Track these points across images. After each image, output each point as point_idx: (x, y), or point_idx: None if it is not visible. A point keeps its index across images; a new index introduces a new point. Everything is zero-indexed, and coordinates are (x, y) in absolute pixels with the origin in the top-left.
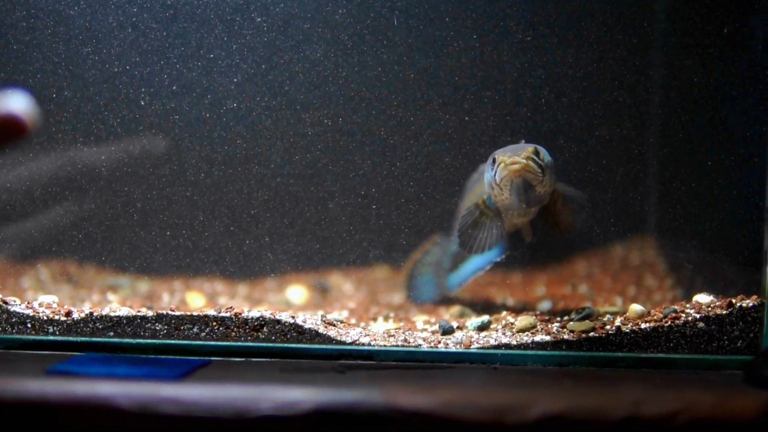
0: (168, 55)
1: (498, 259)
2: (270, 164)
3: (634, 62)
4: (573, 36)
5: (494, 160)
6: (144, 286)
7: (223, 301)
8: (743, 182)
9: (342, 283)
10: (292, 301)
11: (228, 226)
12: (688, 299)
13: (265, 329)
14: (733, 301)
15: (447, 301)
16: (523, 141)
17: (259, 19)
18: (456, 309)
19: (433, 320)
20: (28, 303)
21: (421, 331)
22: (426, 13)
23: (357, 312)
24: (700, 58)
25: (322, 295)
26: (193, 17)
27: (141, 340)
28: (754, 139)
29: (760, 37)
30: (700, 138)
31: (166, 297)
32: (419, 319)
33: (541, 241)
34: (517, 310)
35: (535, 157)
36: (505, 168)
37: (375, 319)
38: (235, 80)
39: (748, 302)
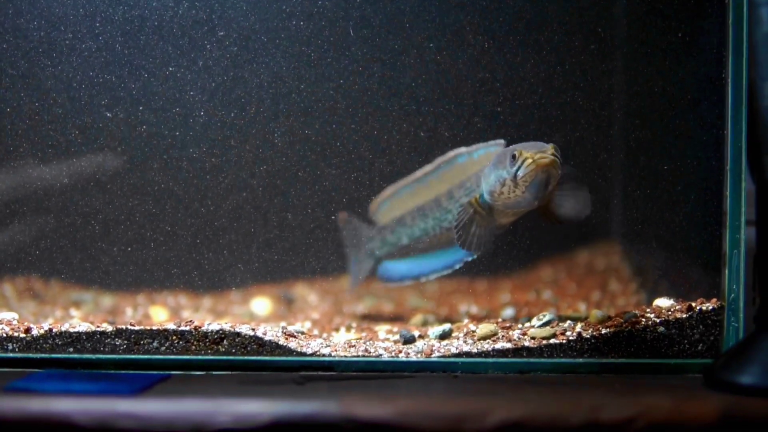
0: (129, 68)
1: (467, 260)
2: (234, 176)
3: (593, 69)
4: (533, 43)
5: (514, 157)
6: (107, 300)
7: (186, 314)
8: (703, 186)
9: (307, 293)
10: (256, 313)
11: (192, 238)
12: (651, 303)
13: (225, 342)
14: (693, 304)
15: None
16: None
17: (222, 33)
18: (419, 317)
19: (395, 329)
20: None
21: (383, 341)
22: (383, 25)
23: (320, 323)
24: (658, 65)
25: (287, 306)
26: (155, 31)
27: (100, 356)
28: (711, 143)
29: (714, 41)
30: (659, 143)
31: (129, 311)
32: (381, 329)
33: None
34: (480, 318)
35: (558, 153)
36: (533, 163)
37: (337, 330)
38: (196, 95)
39: (708, 305)
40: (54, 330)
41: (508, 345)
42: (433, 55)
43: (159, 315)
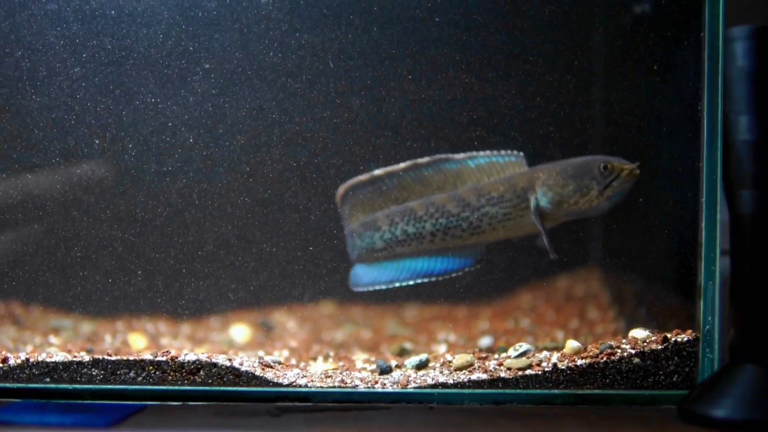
0: (113, 97)
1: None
2: (214, 205)
3: (569, 101)
4: (509, 73)
5: (606, 168)
6: (87, 327)
7: (165, 341)
8: (678, 217)
9: (286, 320)
10: (235, 341)
11: (171, 266)
12: (627, 333)
13: (201, 372)
14: (668, 335)
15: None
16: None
17: (207, 65)
18: (396, 346)
19: (372, 359)
20: None
21: (360, 371)
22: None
23: (298, 351)
24: (634, 97)
25: (266, 333)
26: (138, 61)
27: (77, 386)
28: (687, 176)
29: (690, 75)
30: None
31: (108, 338)
32: (359, 358)
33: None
34: (458, 346)
35: None
36: (631, 175)
37: (315, 359)
38: (177, 125)
39: (684, 337)
40: (31, 360)
41: (484, 376)
42: (414, 84)
43: (137, 342)
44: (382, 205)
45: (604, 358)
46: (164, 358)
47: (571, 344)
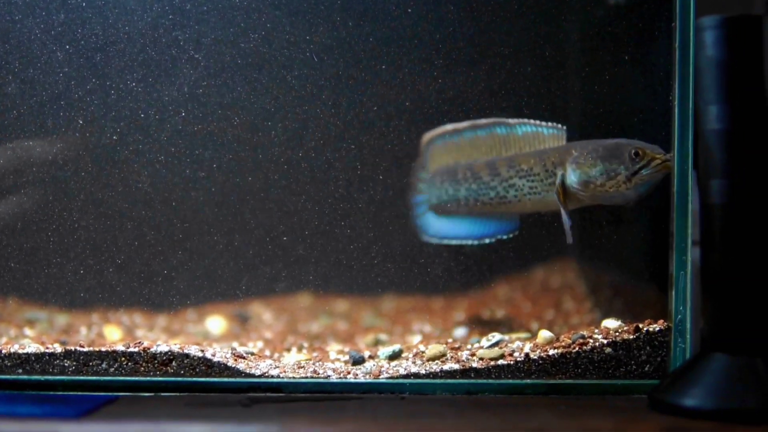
0: (92, 86)
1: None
2: (190, 193)
3: (540, 92)
4: (482, 63)
5: (637, 154)
6: (62, 319)
7: (141, 333)
8: (651, 206)
9: (263, 312)
10: (211, 332)
11: (147, 257)
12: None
13: (173, 363)
14: (640, 325)
15: None
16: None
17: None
18: (371, 337)
19: (346, 350)
20: None
21: (333, 362)
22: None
23: (272, 343)
24: (606, 88)
25: (242, 325)
26: (119, 54)
27: (49, 377)
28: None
29: (661, 65)
30: None
31: (83, 331)
32: (333, 349)
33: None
34: (433, 337)
35: None
36: (662, 165)
37: (289, 350)
38: (153, 116)
39: (656, 326)
40: (3, 351)
41: (457, 366)
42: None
43: (113, 334)
44: (456, 155)
45: (576, 348)
46: (136, 349)
47: (544, 334)
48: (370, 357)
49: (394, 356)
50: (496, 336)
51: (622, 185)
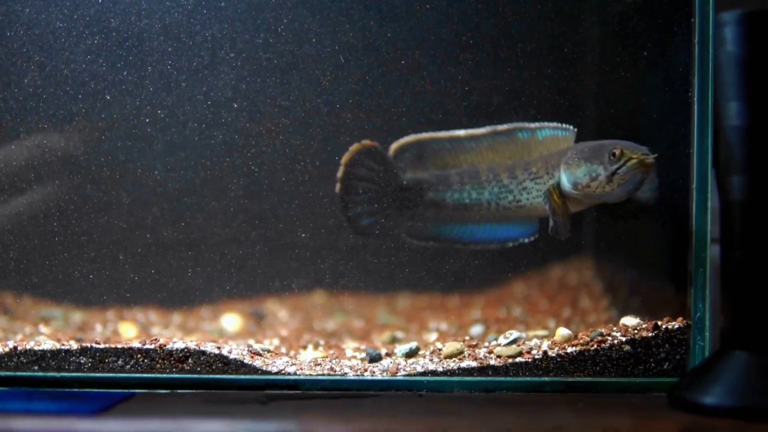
0: (107, 85)
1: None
2: (205, 194)
3: (560, 90)
4: (501, 60)
5: (614, 155)
6: (77, 317)
7: (156, 331)
8: (670, 204)
9: (278, 309)
10: (226, 330)
11: (162, 255)
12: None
13: (190, 360)
14: (659, 323)
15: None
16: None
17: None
18: (387, 335)
19: (363, 347)
20: None
21: (349, 359)
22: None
23: (288, 340)
24: (625, 84)
25: (257, 322)
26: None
27: (65, 374)
28: (677, 161)
29: (681, 61)
30: None
31: (98, 328)
32: (349, 347)
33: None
34: (449, 335)
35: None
36: (639, 164)
37: (305, 348)
38: (165, 116)
39: (674, 324)
40: (19, 348)
41: (474, 364)
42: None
43: (128, 332)
44: (447, 161)
45: (595, 346)
46: (152, 346)
47: (562, 332)
48: (387, 354)
49: (411, 354)
50: (513, 333)
51: (606, 186)
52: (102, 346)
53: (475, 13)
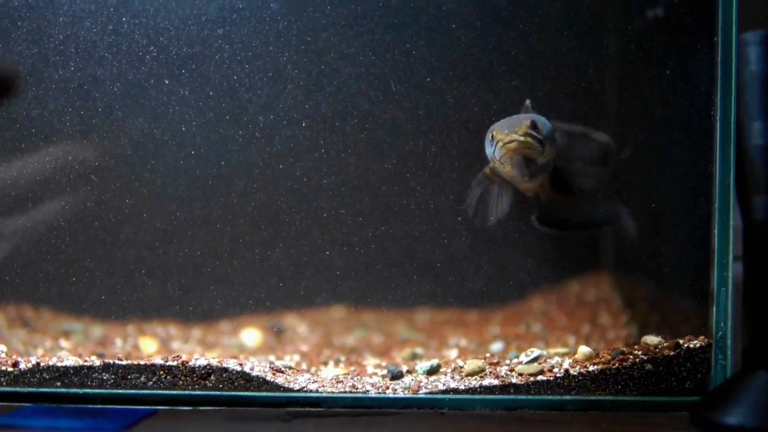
0: (129, 97)
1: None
2: (224, 207)
3: (582, 107)
4: (527, 73)
5: (492, 137)
6: (97, 331)
7: (176, 345)
8: (692, 223)
9: (297, 324)
10: (246, 345)
11: (182, 269)
12: (640, 339)
13: (212, 377)
14: (681, 342)
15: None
16: (528, 102)
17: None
18: (407, 351)
19: (384, 364)
20: None
21: (371, 376)
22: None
23: (309, 356)
24: (647, 102)
25: (277, 337)
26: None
27: (88, 390)
28: (700, 181)
29: (703, 80)
30: (649, 179)
31: (118, 342)
32: (370, 363)
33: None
34: (469, 351)
35: (533, 132)
36: (503, 147)
37: (326, 364)
38: (187, 130)
39: (696, 343)
40: (42, 364)
41: (496, 381)
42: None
43: (148, 346)
44: None
45: (616, 364)
46: (175, 363)
47: (583, 350)
48: (408, 372)
49: (432, 371)
50: (534, 351)
51: (502, 167)
52: (125, 362)
53: (497, 35)
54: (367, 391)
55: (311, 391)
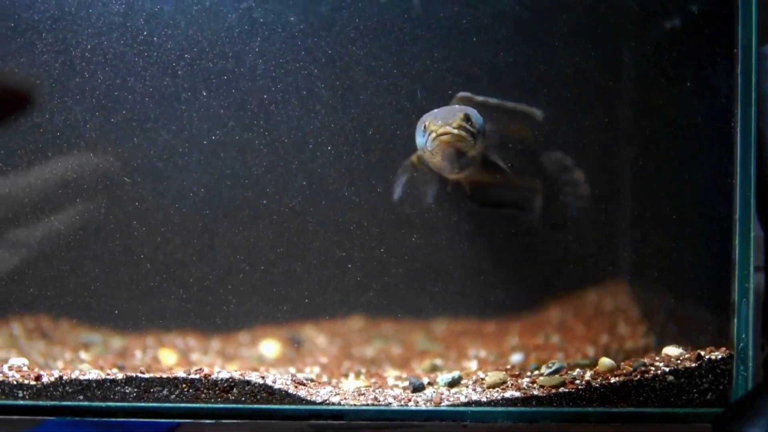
0: (140, 103)
1: None
2: (242, 216)
3: (600, 117)
4: (544, 85)
5: (425, 127)
6: (116, 342)
7: (195, 357)
8: (711, 234)
9: (315, 336)
10: (265, 356)
11: (200, 278)
12: (660, 348)
13: (234, 390)
14: (702, 353)
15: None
16: (461, 94)
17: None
18: (427, 363)
19: (404, 375)
20: None
21: (392, 388)
22: None
23: (329, 368)
24: (667, 113)
25: (296, 349)
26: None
27: (111, 404)
28: (720, 190)
29: (723, 91)
30: (668, 190)
31: (138, 354)
32: (391, 375)
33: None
34: (489, 362)
35: (466, 125)
36: (436, 138)
37: (346, 376)
38: (200, 137)
39: (717, 354)
40: (64, 377)
41: (518, 394)
42: None
43: (168, 358)
44: None
45: (638, 376)
46: (197, 376)
47: (605, 362)
48: (429, 384)
49: (454, 383)
50: (556, 363)
51: (432, 158)
52: (147, 375)
53: (511, 47)
54: (390, 403)
55: (334, 404)
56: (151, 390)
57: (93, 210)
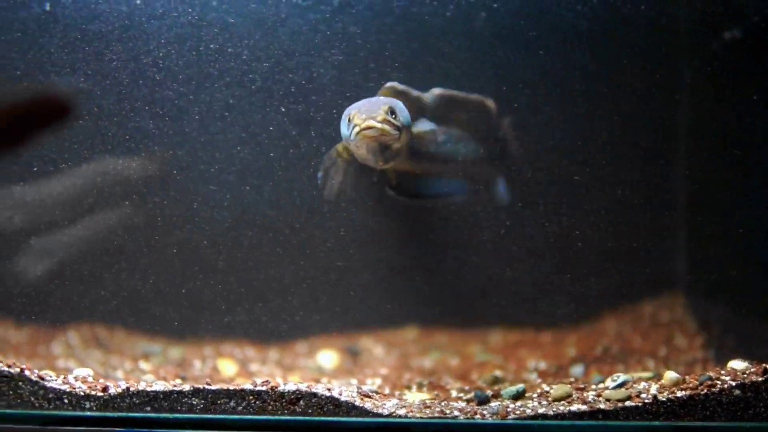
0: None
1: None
2: (297, 227)
3: (660, 112)
4: (603, 99)
5: (349, 119)
6: (175, 352)
7: (254, 367)
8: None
9: (372, 346)
10: (323, 367)
11: (257, 288)
12: (719, 361)
13: (301, 402)
14: None
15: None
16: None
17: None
18: (488, 375)
19: (467, 388)
20: (64, 378)
21: (456, 401)
22: None
23: (390, 379)
24: (726, 107)
25: (353, 359)
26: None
27: (178, 415)
28: None
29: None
30: (726, 193)
31: (197, 364)
32: (453, 388)
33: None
34: (549, 374)
35: (391, 118)
36: (359, 132)
37: (409, 388)
38: (256, 146)
39: None
40: (131, 388)
41: (584, 407)
42: None
43: (227, 368)
44: None
45: (704, 390)
46: (264, 388)
47: (670, 375)
48: (494, 396)
49: (518, 396)
50: (621, 376)
51: (357, 150)
52: (214, 387)
53: (564, 66)
54: (456, 416)
55: (400, 417)
56: (218, 402)
57: (150, 217)
